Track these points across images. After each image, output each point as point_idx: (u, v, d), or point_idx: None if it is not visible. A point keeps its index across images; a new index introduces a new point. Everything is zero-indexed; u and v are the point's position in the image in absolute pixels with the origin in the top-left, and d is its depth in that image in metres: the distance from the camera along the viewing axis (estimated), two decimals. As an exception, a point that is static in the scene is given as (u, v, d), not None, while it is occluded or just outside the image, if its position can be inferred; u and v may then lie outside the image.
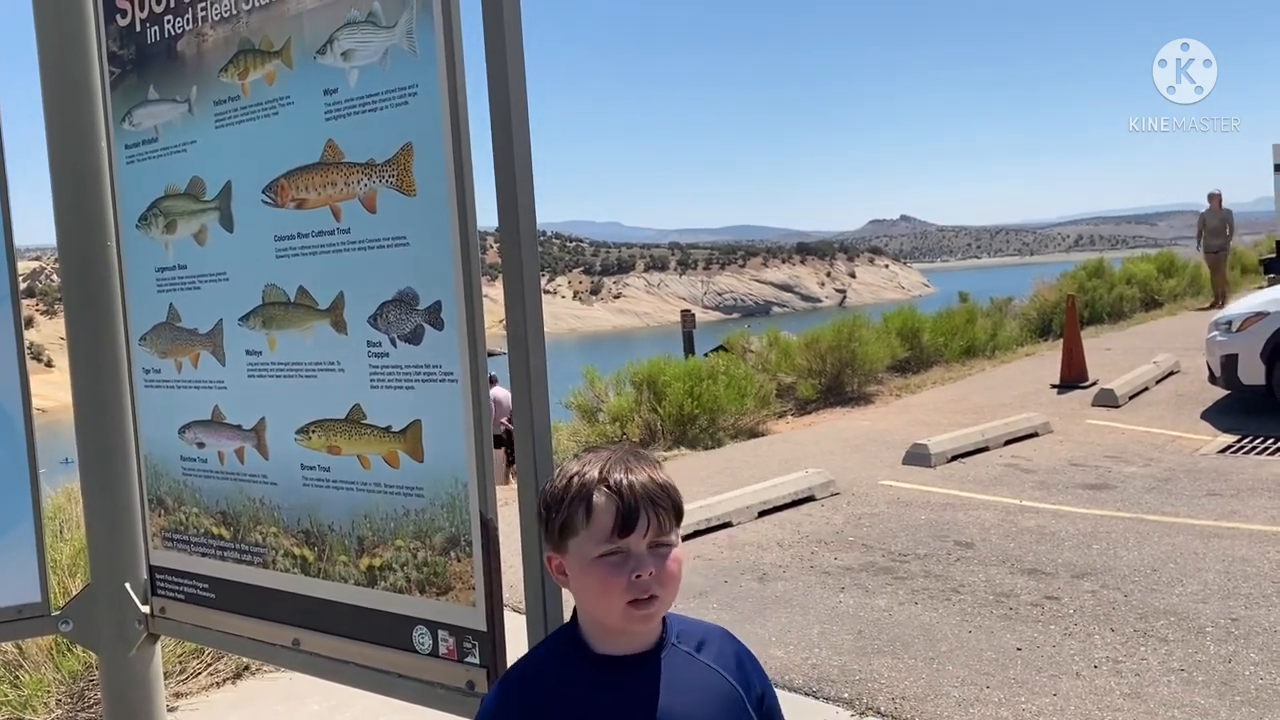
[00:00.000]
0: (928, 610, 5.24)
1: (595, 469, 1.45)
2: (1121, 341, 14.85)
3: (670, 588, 1.44)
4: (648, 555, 1.42)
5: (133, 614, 2.22)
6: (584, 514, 1.43)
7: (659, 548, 1.43)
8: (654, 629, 1.49)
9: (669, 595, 1.44)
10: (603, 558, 1.42)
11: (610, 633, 1.46)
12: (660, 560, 1.42)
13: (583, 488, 1.44)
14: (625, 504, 1.41)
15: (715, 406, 10.62)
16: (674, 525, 1.45)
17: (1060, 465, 8.28)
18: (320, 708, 4.42)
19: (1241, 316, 9.42)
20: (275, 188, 1.92)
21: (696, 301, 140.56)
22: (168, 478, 2.22)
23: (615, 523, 1.41)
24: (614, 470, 1.44)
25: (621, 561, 1.41)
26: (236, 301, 2.02)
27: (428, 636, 1.78)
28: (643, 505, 1.42)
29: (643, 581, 1.41)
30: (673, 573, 1.44)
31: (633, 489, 1.42)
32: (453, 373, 1.71)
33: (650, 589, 1.42)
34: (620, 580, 1.40)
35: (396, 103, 1.73)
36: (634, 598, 1.41)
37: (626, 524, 1.41)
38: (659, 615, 1.46)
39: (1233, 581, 5.34)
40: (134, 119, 2.17)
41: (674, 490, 1.46)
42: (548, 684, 1.48)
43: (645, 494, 1.42)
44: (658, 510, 1.42)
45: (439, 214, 1.69)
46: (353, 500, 1.86)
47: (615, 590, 1.41)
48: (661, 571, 1.42)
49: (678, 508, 1.46)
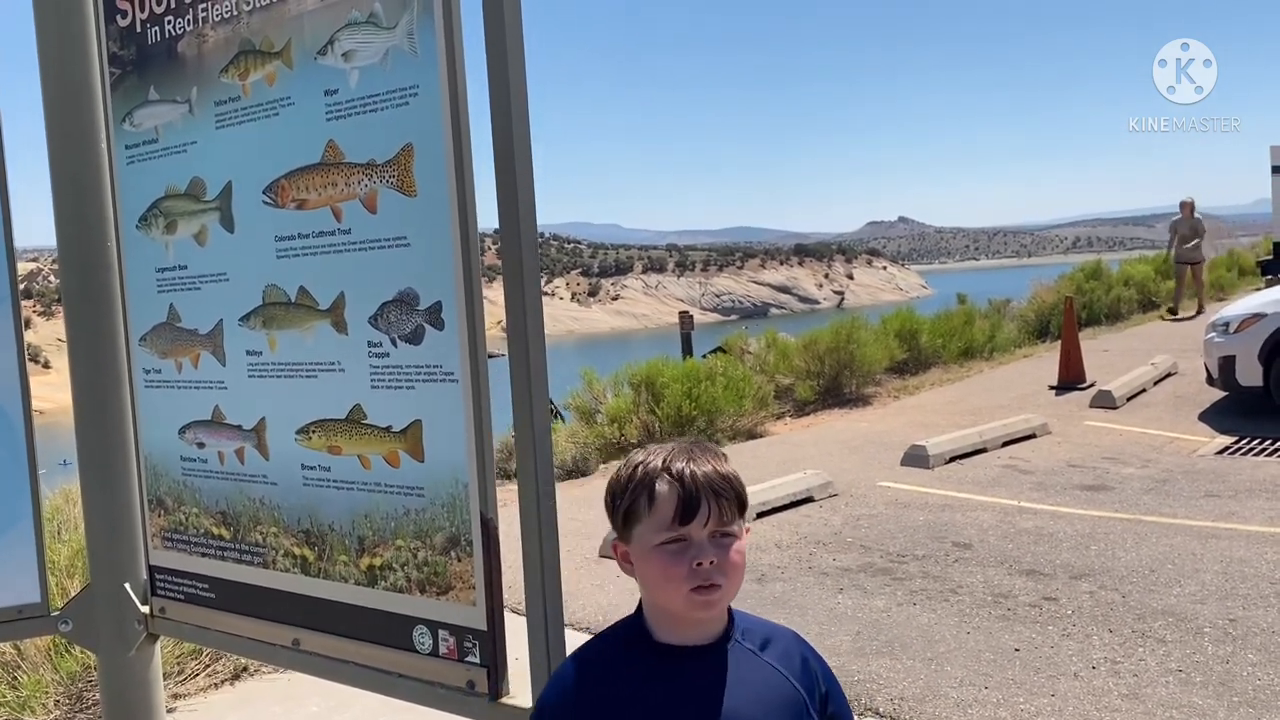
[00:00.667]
0: (926, 611, 5.25)
1: (659, 458, 1.48)
2: (1119, 343, 14.86)
3: (733, 577, 1.46)
4: (709, 544, 1.44)
5: (132, 614, 2.22)
6: (646, 502, 1.46)
7: (721, 537, 1.45)
8: (718, 621, 1.51)
9: (732, 585, 1.46)
10: (664, 545, 1.45)
11: (674, 621, 1.48)
12: (722, 549, 1.44)
13: (646, 476, 1.47)
14: (686, 492, 1.44)
15: (713, 408, 10.62)
16: (737, 516, 1.47)
17: (1058, 466, 8.29)
18: (319, 708, 4.42)
19: (1239, 318, 9.44)
20: (276, 188, 1.92)
21: (694, 303, 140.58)
22: (167, 478, 2.22)
23: (676, 511, 1.44)
24: (677, 459, 1.47)
25: (683, 549, 1.44)
26: (237, 302, 2.02)
27: (428, 636, 1.78)
28: (704, 494, 1.44)
29: (703, 570, 1.43)
30: (735, 562, 1.46)
31: (694, 478, 1.45)
32: (453, 373, 1.71)
33: (711, 577, 1.43)
34: (681, 568, 1.43)
35: (397, 103, 1.73)
36: (696, 585, 1.43)
37: (687, 512, 1.44)
38: (721, 604, 1.48)
39: (1230, 582, 5.35)
40: (134, 119, 2.17)
41: (737, 481, 1.48)
42: (608, 669, 1.51)
43: (707, 483, 1.45)
44: (719, 499, 1.45)
45: (439, 214, 1.70)
46: (353, 500, 1.87)
47: (677, 577, 1.44)
48: (724, 560, 1.44)
49: (741, 498, 1.48)
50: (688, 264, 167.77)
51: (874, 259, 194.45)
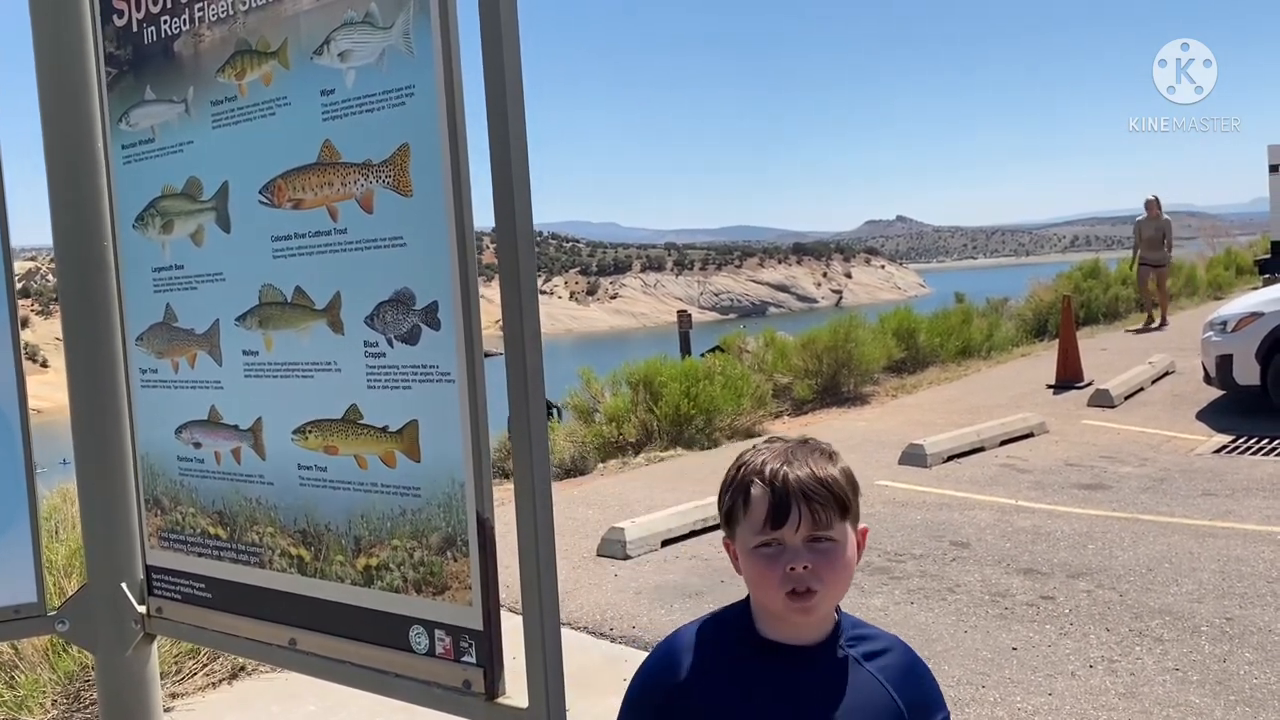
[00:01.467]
0: (923, 610, 5.25)
1: (759, 459, 1.48)
2: (1117, 342, 14.88)
3: (831, 582, 1.44)
4: (803, 549, 1.43)
5: (129, 614, 2.22)
6: (743, 504, 1.47)
7: (817, 541, 1.43)
8: (821, 624, 1.50)
9: (830, 590, 1.44)
10: (759, 548, 1.45)
11: (775, 620, 1.48)
12: (818, 554, 1.43)
13: (744, 478, 1.48)
14: (777, 496, 1.43)
15: (711, 407, 10.62)
16: (837, 519, 1.44)
17: (1056, 465, 8.30)
18: (316, 708, 4.42)
19: (1236, 317, 9.46)
20: (272, 188, 1.92)
21: (693, 302, 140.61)
22: (164, 478, 2.22)
23: (768, 515, 1.44)
24: (774, 462, 1.46)
25: (777, 553, 1.43)
26: (233, 301, 2.02)
27: (424, 636, 1.78)
28: (795, 499, 1.43)
29: (796, 575, 1.42)
30: (834, 567, 1.44)
31: (786, 481, 1.44)
32: (450, 373, 1.71)
33: (806, 583, 1.42)
34: (775, 573, 1.43)
35: (393, 103, 1.73)
36: (790, 589, 1.42)
37: (778, 516, 1.43)
38: (819, 609, 1.46)
39: (1228, 581, 5.36)
40: (131, 119, 2.17)
41: (838, 484, 1.46)
42: (711, 653, 1.51)
43: (799, 487, 1.43)
44: (811, 504, 1.43)
45: (435, 214, 1.69)
46: (350, 500, 1.87)
47: (771, 582, 1.43)
48: (820, 565, 1.42)
49: (841, 502, 1.45)
50: (686, 263, 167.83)
51: (872, 258, 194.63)
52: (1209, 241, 27.48)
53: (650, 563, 6.38)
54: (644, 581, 6.03)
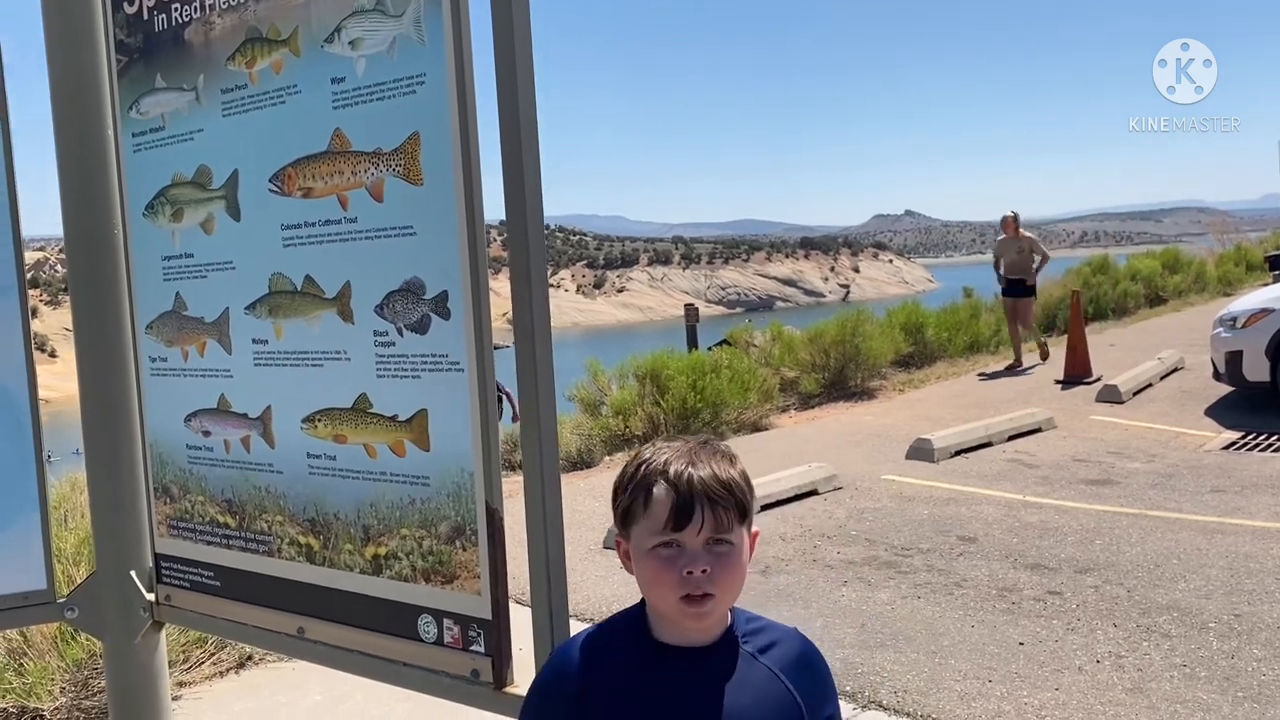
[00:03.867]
0: (930, 604, 5.25)
1: (662, 458, 1.44)
2: (1126, 338, 14.84)
3: (727, 586, 1.41)
4: (703, 552, 1.40)
5: (138, 601, 2.22)
6: (643, 502, 1.43)
7: (717, 544, 1.40)
8: (718, 623, 1.47)
9: (725, 594, 1.42)
10: (657, 549, 1.41)
11: (669, 622, 1.45)
12: (716, 558, 1.40)
13: (645, 477, 1.44)
14: (680, 498, 1.40)
15: (718, 400, 10.62)
16: (736, 523, 1.42)
17: (1064, 461, 8.27)
18: (323, 698, 4.43)
19: (1247, 313, 9.42)
20: (282, 176, 1.92)
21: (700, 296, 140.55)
22: (173, 466, 2.22)
23: (670, 515, 1.40)
24: (677, 462, 1.43)
25: (675, 555, 1.40)
26: (243, 290, 2.02)
27: (433, 625, 1.78)
28: (699, 500, 1.40)
29: (694, 578, 1.39)
30: (730, 572, 1.41)
31: (690, 483, 1.40)
32: (459, 362, 1.71)
33: (702, 586, 1.39)
34: (672, 574, 1.40)
35: (404, 92, 1.73)
36: (685, 593, 1.39)
37: (680, 518, 1.40)
38: (714, 614, 1.43)
39: (1236, 577, 5.34)
40: (141, 107, 2.17)
41: (739, 487, 1.43)
42: (605, 658, 1.48)
43: (703, 489, 1.40)
44: (715, 507, 1.40)
45: (445, 203, 1.69)
46: (358, 489, 1.87)
47: (667, 583, 1.40)
48: (717, 569, 1.39)
49: (742, 505, 1.43)
50: (693, 256, 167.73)
51: (880, 252, 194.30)
52: (1219, 237, 27.39)
53: (657, 555, 6.38)
54: (650, 574, 6.02)
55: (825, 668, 1.55)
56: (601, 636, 1.52)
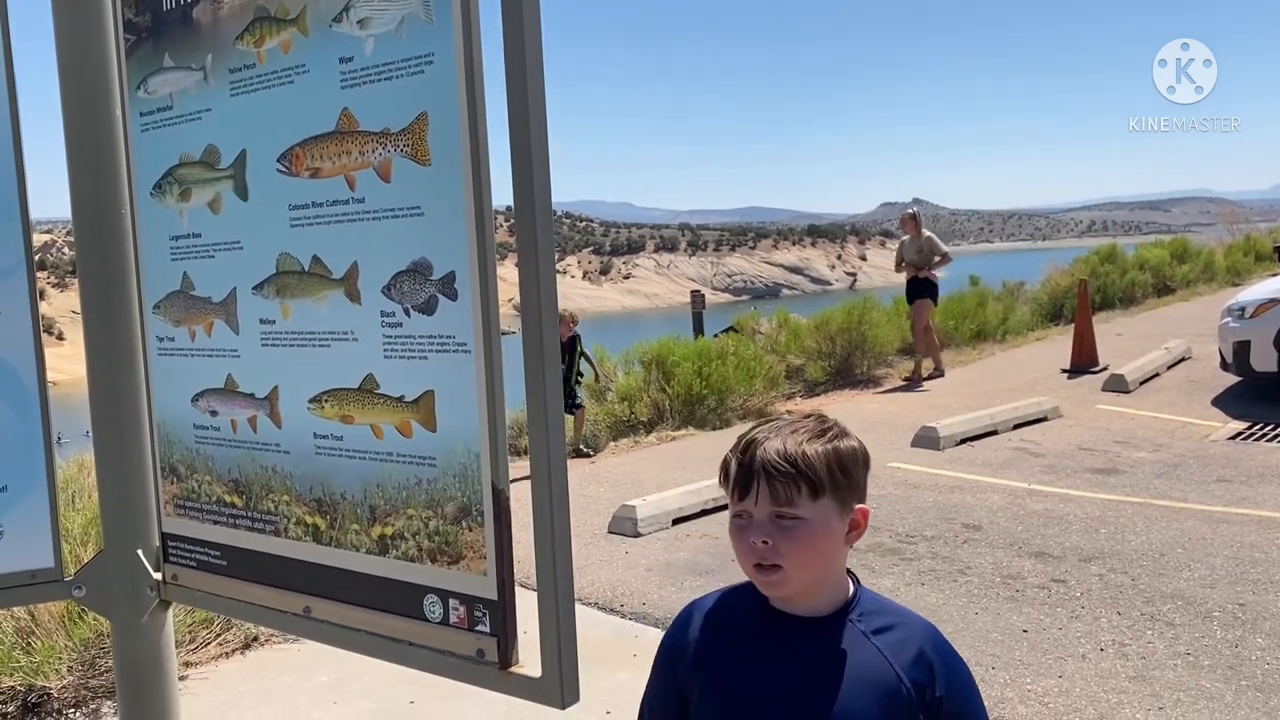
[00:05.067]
0: (934, 591, 5.25)
1: (755, 432, 1.50)
2: (1133, 327, 14.80)
3: (796, 559, 1.42)
4: (767, 523, 1.43)
5: (144, 580, 2.23)
6: (723, 474, 1.50)
7: (781, 518, 1.43)
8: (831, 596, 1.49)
9: (796, 567, 1.43)
10: (735, 518, 1.47)
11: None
12: (782, 530, 1.42)
13: (731, 450, 1.50)
14: (741, 469, 1.45)
15: (724, 387, 10.62)
16: (804, 499, 1.42)
17: (1069, 450, 8.27)
18: (329, 678, 4.45)
19: (1255, 303, 9.39)
20: (290, 156, 1.92)
21: (706, 283, 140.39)
22: (180, 446, 2.22)
23: (734, 487, 1.46)
24: (760, 435, 1.48)
25: (746, 525, 1.45)
26: (250, 270, 2.02)
27: (439, 605, 1.78)
28: (757, 473, 1.43)
29: (759, 549, 1.42)
30: (796, 545, 1.42)
31: (753, 455, 1.45)
32: (466, 343, 1.71)
33: (769, 557, 1.42)
34: (743, 544, 1.45)
35: (412, 71, 1.72)
36: (756, 562, 1.44)
37: (742, 489, 1.45)
38: (786, 586, 1.45)
39: (1241, 567, 5.34)
40: (149, 87, 2.16)
41: (805, 462, 1.43)
42: (726, 621, 1.54)
43: (763, 462, 1.43)
44: (772, 480, 1.42)
45: (453, 184, 1.69)
46: (365, 469, 1.87)
47: (741, 552, 1.46)
48: (781, 541, 1.42)
49: (811, 481, 1.43)
50: (700, 244, 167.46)
51: (887, 240, 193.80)
52: (1228, 227, 27.29)
53: (661, 541, 6.40)
54: (655, 559, 6.05)
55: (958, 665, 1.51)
56: (722, 601, 1.58)
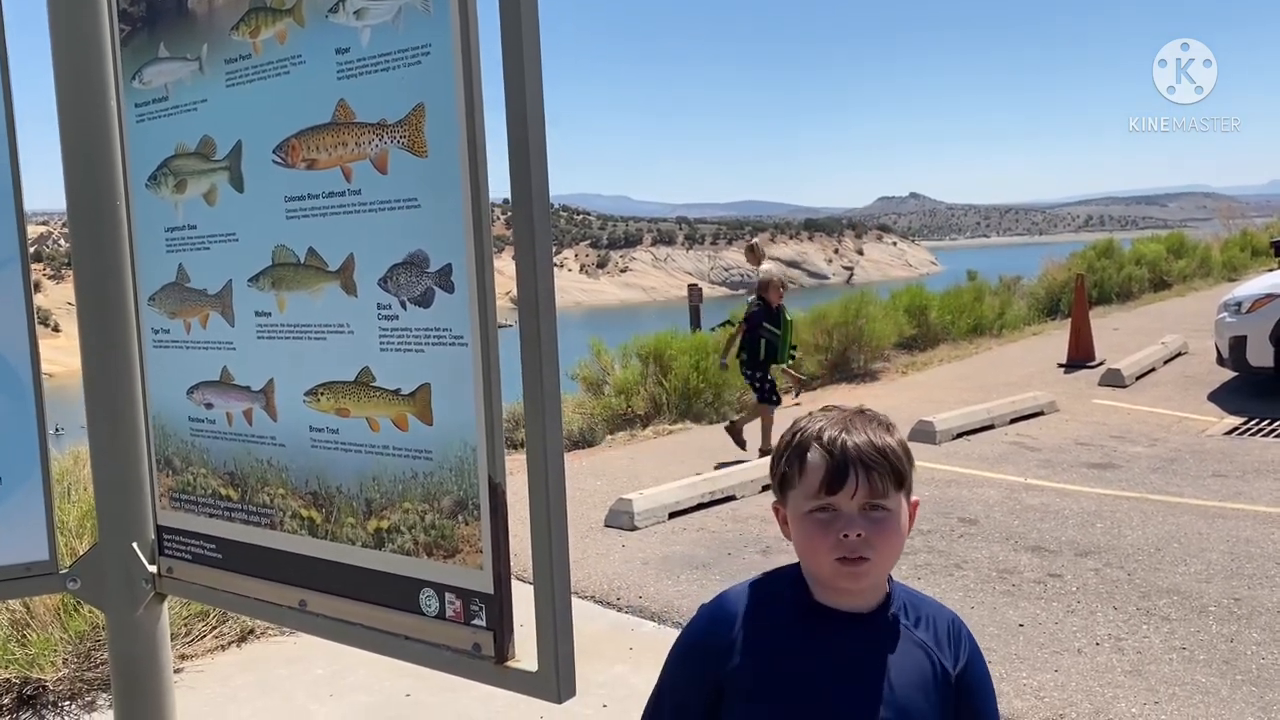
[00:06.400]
0: (930, 586, 5.26)
1: (818, 425, 1.48)
2: (1130, 322, 14.81)
3: (884, 551, 1.43)
4: (858, 516, 1.42)
5: (140, 573, 2.22)
6: (799, 469, 1.46)
7: (872, 510, 1.43)
8: (875, 591, 1.50)
9: (882, 559, 1.44)
10: (812, 513, 1.44)
11: (824, 587, 1.48)
12: (872, 522, 1.42)
13: (801, 443, 1.47)
14: (834, 462, 1.43)
15: (721, 381, 10.62)
16: (892, 489, 1.44)
17: (1065, 444, 8.28)
18: (325, 671, 4.45)
19: (1251, 298, 9.40)
20: (286, 148, 1.90)
21: (703, 277, 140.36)
22: (176, 438, 2.22)
23: (824, 480, 1.43)
24: (831, 428, 1.46)
25: (830, 519, 1.43)
26: (246, 262, 2.01)
27: (434, 599, 1.78)
28: (853, 465, 1.42)
29: (849, 541, 1.42)
30: (887, 537, 1.43)
31: (844, 448, 1.43)
32: (463, 336, 1.70)
33: (858, 550, 1.42)
34: (828, 538, 1.43)
35: (409, 62, 1.71)
36: (841, 555, 1.42)
37: (834, 482, 1.43)
38: (869, 577, 1.45)
39: (1236, 562, 5.35)
40: (144, 77, 2.15)
41: (894, 454, 1.45)
42: (760, 615, 1.52)
43: (858, 454, 1.43)
44: (869, 472, 1.42)
45: (450, 176, 1.68)
46: (361, 462, 1.86)
47: (822, 547, 1.43)
48: (873, 534, 1.42)
49: (898, 471, 1.45)
50: (697, 237, 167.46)
51: (884, 234, 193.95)
52: (1224, 222, 27.32)
53: (657, 534, 6.40)
54: (651, 552, 6.04)
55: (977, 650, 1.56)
56: (756, 594, 1.56)
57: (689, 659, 1.56)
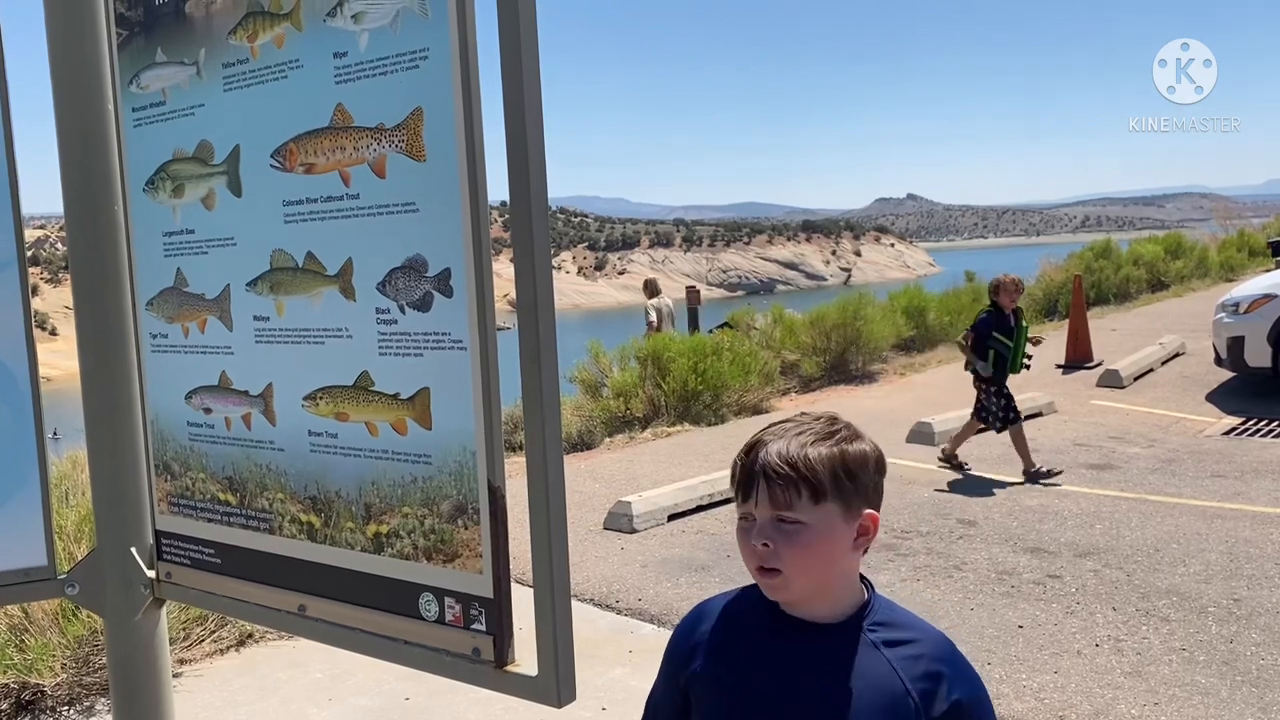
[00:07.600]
0: (930, 587, 5.26)
1: (765, 432, 1.47)
2: (1127, 323, 14.82)
3: (795, 564, 1.39)
4: (768, 526, 1.40)
5: (138, 578, 2.22)
6: (731, 474, 1.48)
7: (783, 521, 1.40)
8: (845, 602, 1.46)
9: (795, 572, 1.39)
10: (740, 520, 1.45)
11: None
12: (782, 534, 1.39)
13: (741, 449, 1.48)
14: (744, 472, 1.44)
15: (719, 383, 10.61)
16: (805, 502, 1.39)
17: (1064, 445, 8.28)
18: (324, 675, 4.44)
19: (1249, 298, 9.41)
20: (284, 152, 1.90)
21: (701, 279, 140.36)
22: (174, 443, 2.21)
23: (737, 489, 1.45)
24: (769, 436, 1.45)
25: (749, 527, 1.43)
26: (244, 267, 2.01)
27: (434, 603, 1.78)
28: (757, 476, 1.41)
29: (760, 551, 1.40)
30: (796, 550, 1.39)
31: (756, 457, 1.43)
32: (462, 340, 1.70)
33: (768, 560, 1.40)
34: (745, 546, 1.43)
35: (407, 66, 1.71)
36: (758, 565, 1.42)
37: (745, 491, 1.43)
38: (786, 590, 1.42)
39: (1235, 562, 5.35)
40: (141, 82, 2.15)
41: (807, 466, 1.39)
42: (731, 622, 1.53)
43: (764, 464, 1.41)
44: (771, 483, 1.39)
45: (449, 179, 1.68)
46: (360, 467, 1.86)
47: (745, 554, 1.44)
48: (781, 545, 1.39)
49: (812, 484, 1.39)
50: (695, 239, 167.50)
51: (882, 236, 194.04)
52: (1222, 223, 27.34)
53: (656, 536, 6.39)
54: (650, 555, 6.04)
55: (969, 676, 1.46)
56: (735, 601, 1.56)
57: (666, 661, 1.59)
